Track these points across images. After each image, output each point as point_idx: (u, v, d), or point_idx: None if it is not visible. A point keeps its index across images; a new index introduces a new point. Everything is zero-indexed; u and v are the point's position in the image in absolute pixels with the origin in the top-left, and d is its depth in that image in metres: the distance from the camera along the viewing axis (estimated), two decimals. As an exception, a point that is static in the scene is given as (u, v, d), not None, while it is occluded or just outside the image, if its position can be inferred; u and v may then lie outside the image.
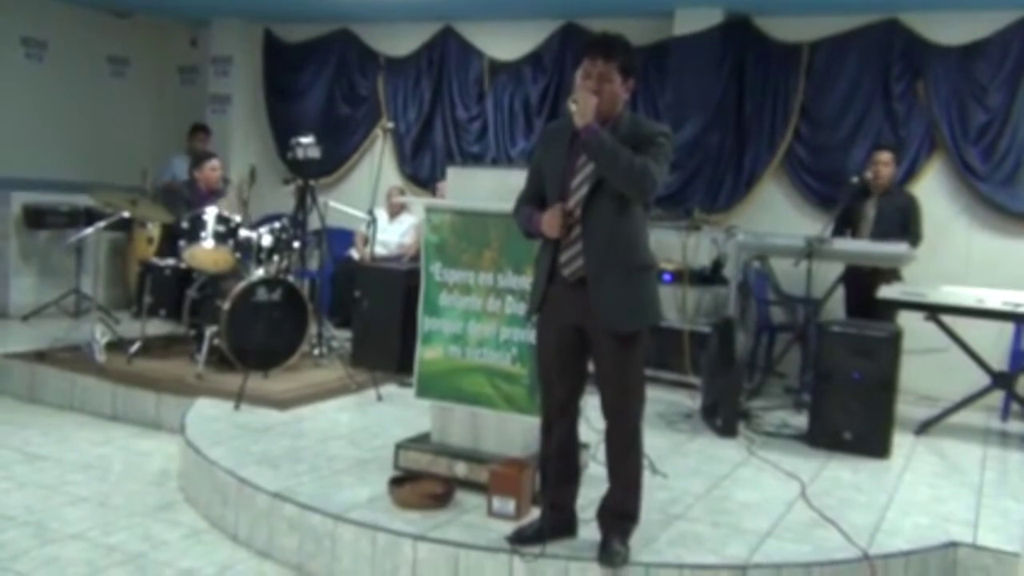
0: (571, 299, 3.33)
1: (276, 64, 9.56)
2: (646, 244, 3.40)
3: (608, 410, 3.40)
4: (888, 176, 6.38)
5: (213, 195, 6.96)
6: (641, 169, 3.17)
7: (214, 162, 7.12)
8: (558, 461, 3.55)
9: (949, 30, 6.85)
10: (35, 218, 8.17)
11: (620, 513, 3.48)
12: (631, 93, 3.43)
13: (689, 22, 7.41)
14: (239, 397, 5.33)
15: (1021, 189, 6.70)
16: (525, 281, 3.95)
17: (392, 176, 8.82)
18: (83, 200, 7.85)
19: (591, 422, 3.66)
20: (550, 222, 3.31)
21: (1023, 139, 6.68)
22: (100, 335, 6.32)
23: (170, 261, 6.50)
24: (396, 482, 4.01)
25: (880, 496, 4.45)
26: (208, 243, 6.20)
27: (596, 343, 3.35)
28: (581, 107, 3.21)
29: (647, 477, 4.34)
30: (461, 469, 4.09)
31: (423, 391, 4.29)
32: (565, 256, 3.34)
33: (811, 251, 5.86)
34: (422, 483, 4.01)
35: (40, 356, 6.31)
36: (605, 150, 3.19)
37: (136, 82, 9.64)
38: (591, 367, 3.46)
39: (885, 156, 6.38)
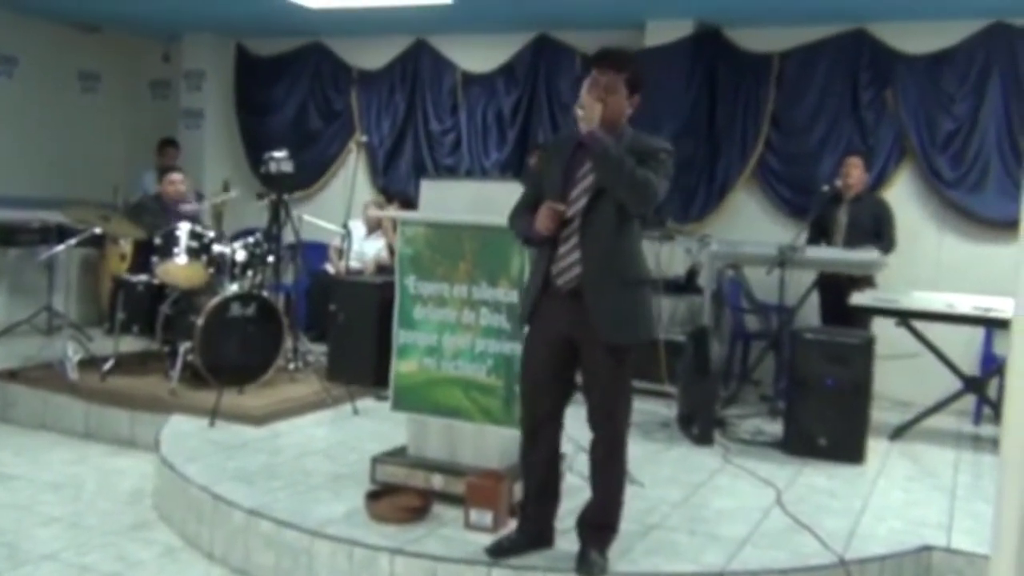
0: (563, 310, 3.33)
1: (248, 78, 9.53)
2: (643, 258, 3.41)
3: (596, 421, 3.40)
4: (858, 180, 6.46)
5: (183, 209, 6.88)
6: (644, 180, 3.19)
7: (174, 175, 7.05)
8: (545, 475, 3.55)
9: (916, 39, 6.94)
10: (6, 235, 8.09)
11: (600, 524, 3.48)
12: (635, 109, 3.43)
13: (660, 33, 7.47)
14: (214, 413, 5.30)
15: (989, 195, 6.78)
16: (500, 293, 3.96)
17: (366, 189, 8.81)
18: (55, 216, 7.76)
19: (568, 433, 3.66)
20: (543, 218, 3.30)
21: (990, 146, 6.77)
22: (73, 352, 6.25)
23: (143, 277, 6.44)
24: (373, 496, 4.00)
25: (855, 501, 4.48)
26: (181, 259, 6.16)
27: (588, 355, 3.35)
28: (587, 113, 3.22)
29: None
30: (438, 482, 4.08)
31: (399, 404, 4.28)
32: (559, 266, 3.34)
33: (783, 259, 5.90)
34: (399, 497, 4.00)
35: (11, 375, 6.23)
36: (610, 156, 3.20)
37: (108, 97, 9.57)
38: (578, 378, 3.47)
39: (855, 160, 6.49)
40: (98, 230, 6.65)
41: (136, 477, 5.02)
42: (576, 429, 3.48)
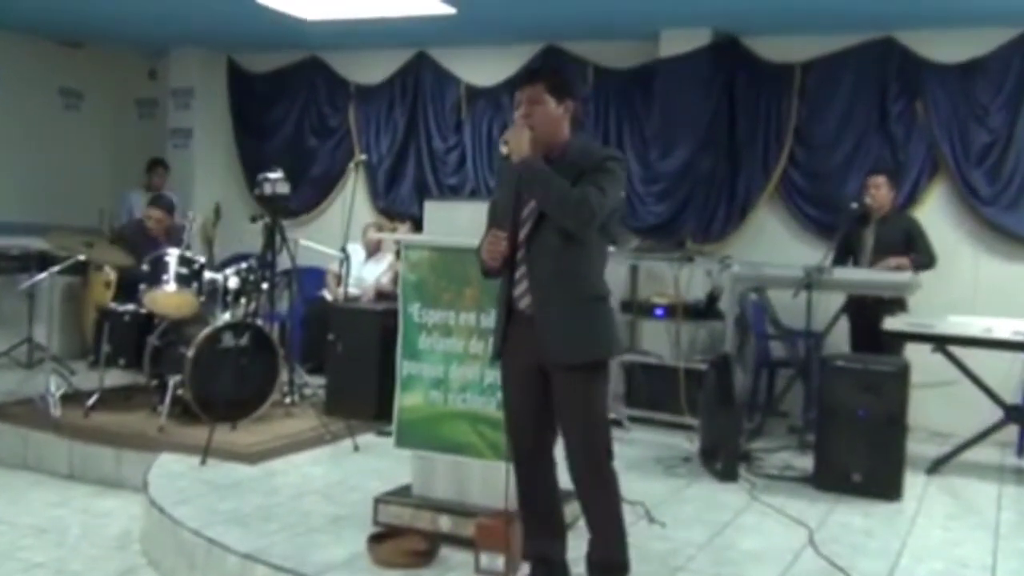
0: (528, 335, 3.37)
1: (242, 95, 9.60)
2: (598, 275, 3.44)
3: (571, 451, 3.41)
4: (884, 199, 6.44)
5: (168, 240, 6.88)
6: (576, 201, 3.23)
7: (155, 212, 7.05)
8: (539, 512, 3.55)
9: (947, 48, 6.95)
10: (-16, 263, 8.13)
11: (607, 564, 3.46)
12: (574, 115, 3.49)
13: (675, 43, 7.50)
14: (205, 451, 5.28)
15: (1028, 212, 6.78)
16: (510, 321, 3.95)
17: (365, 210, 8.83)
18: (36, 243, 7.80)
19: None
20: (485, 246, 3.41)
21: (1028, 159, 6.77)
22: (55, 387, 6.25)
23: (129, 306, 6.44)
24: (376, 539, 3.97)
25: (892, 541, 4.44)
26: (170, 286, 6.16)
27: (554, 380, 3.39)
28: (514, 144, 3.32)
29: (643, 527, 4.35)
30: (445, 523, 4.06)
31: (403, 440, 4.26)
32: (518, 290, 3.42)
33: (810, 281, 5.89)
34: (404, 539, 3.98)
35: (-10, 411, 6.24)
36: (536, 181, 3.29)
37: (91, 116, 9.63)
38: None
39: (878, 180, 6.46)
40: (82, 257, 6.65)
41: (123, 520, 5.00)
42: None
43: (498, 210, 3.52)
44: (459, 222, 4.18)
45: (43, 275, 6.87)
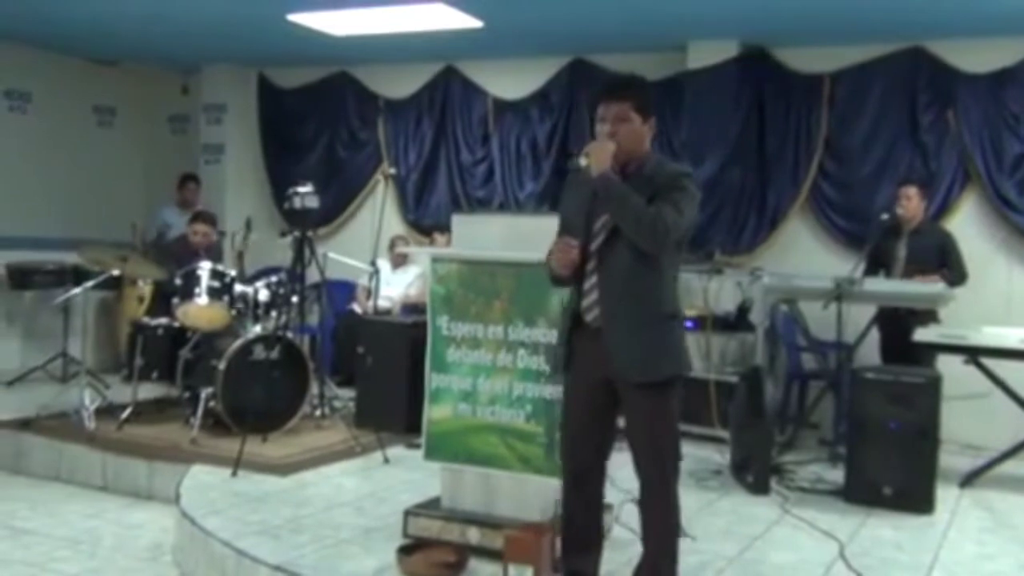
0: (595, 349, 3.36)
1: (272, 110, 9.68)
2: (670, 292, 3.42)
3: (639, 470, 3.40)
4: (915, 210, 6.40)
5: (207, 253, 6.97)
6: (651, 219, 3.22)
7: (201, 227, 7.12)
8: (582, 524, 3.55)
9: (977, 57, 6.91)
10: (20, 278, 8.24)
11: None
12: (653, 132, 3.47)
13: (703, 55, 7.50)
14: (237, 463, 5.33)
15: (1062, 222, 6.72)
16: (538, 333, 3.98)
17: (395, 224, 8.89)
18: (70, 258, 7.90)
19: (616, 482, 3.64)
20: (556, 253, 3.39)
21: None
22: (89, 400, 6.33)
23: (162, 320, 6.54)
24: (405, 551, 4.00)
25: (924, 555, 4.41)
26: (202, 299, 6.24)
27: (624, 395, 3.38)
28: (595, 158, 3.30)
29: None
30: (474, 535, 4.08)
31: (432, 453, 4.29)
32: (586, 302, 3.40)
33: (841, 293, 5.87)
34: (433, 551, 4.00)
35: (25, 424, 6.33)
36: (612, 197, 3.28)
37: (124, 132, 9.76)
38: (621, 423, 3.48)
39: (910, 191, 6.41)
40: (115, 272, 6.74)
41: (155, 531, 5.06)
42: (624, 479, 3.46)
43: (568, 220, 3.51)
44: (487, 235, 4.22)
45: (77, 290, 6.95)
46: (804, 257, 7.37)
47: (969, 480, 5.69)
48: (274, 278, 6.59)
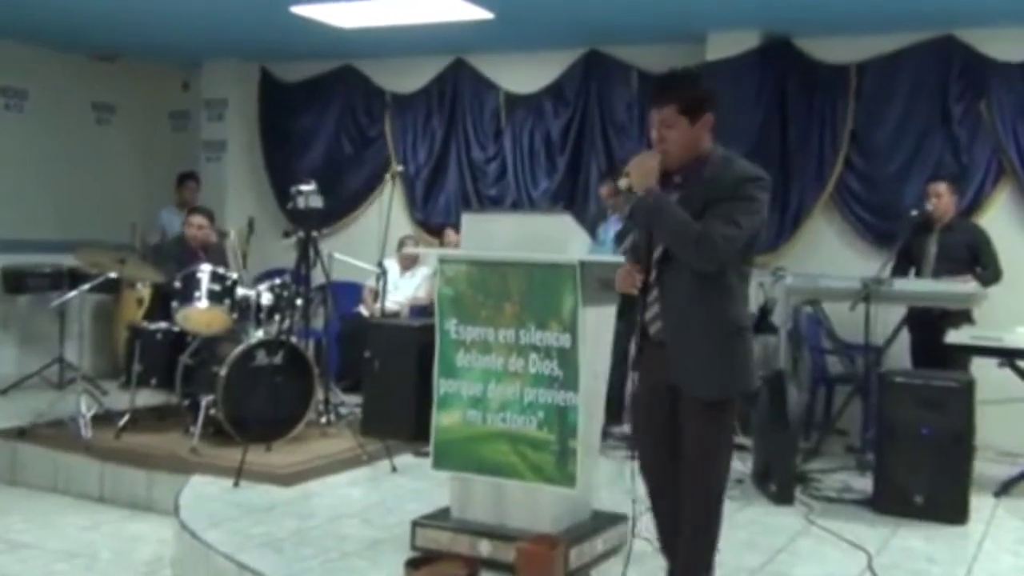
0: (659, 359, 3.38)
1: (274, 106, 9.69)
2: (736, 303, 3.36)
3: (687, 479, 3.39)
4: (946, 206, 6.35)
5: (206, 253, 6.96)
6: (696, 238, 3.17)
7: (196, 219, 7.12)
8: (671, 530, 3.50)
9: (1011, 45, 6.86)
10: (15, 281, 8.28)
11: None
12: (711, 126, 3.40)
13: (723, 46, 7.46)
14: (238, 473, 5.32)
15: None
16: (550, 337, 3.95)
17: (403, 223, 8.87)
18: (67, 260, 7.93)
19: (635, 490, 3.61)
20: (620, 280, 3.42)
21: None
22: (86, 408, 6.33)
23: (161, 324, 6.53)
24: (413, 564, 3.98)
25: (957, 568, 4.38)
26: (202, 303, 6.23)
27: (683, 406, 3.37)
28: (636, 176, 3.27)
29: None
30: (485, 548, 4.06)
31: (441, 461, 4.26)
32: (649, 314, 3.41)
33: (868, 293, 5.83)
34: (442, 564, 3.98)
35: (21, 433, 6.34)
36: (652, 221, 3.28)
37: (123, 130, 9.78)
38: None
39: (940, 187, 6.36)
40: (113, 274, 6.73)
41: (154, 544, 5.05)
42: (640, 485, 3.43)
43: (635, 237, 3.53)
44: (497, 235, 4.19)
45: (74, 293, 6.98)
46: (829, 256, 7.32)
47: (1005, 489, 5.64)
48: (277, 280, 6.59)
